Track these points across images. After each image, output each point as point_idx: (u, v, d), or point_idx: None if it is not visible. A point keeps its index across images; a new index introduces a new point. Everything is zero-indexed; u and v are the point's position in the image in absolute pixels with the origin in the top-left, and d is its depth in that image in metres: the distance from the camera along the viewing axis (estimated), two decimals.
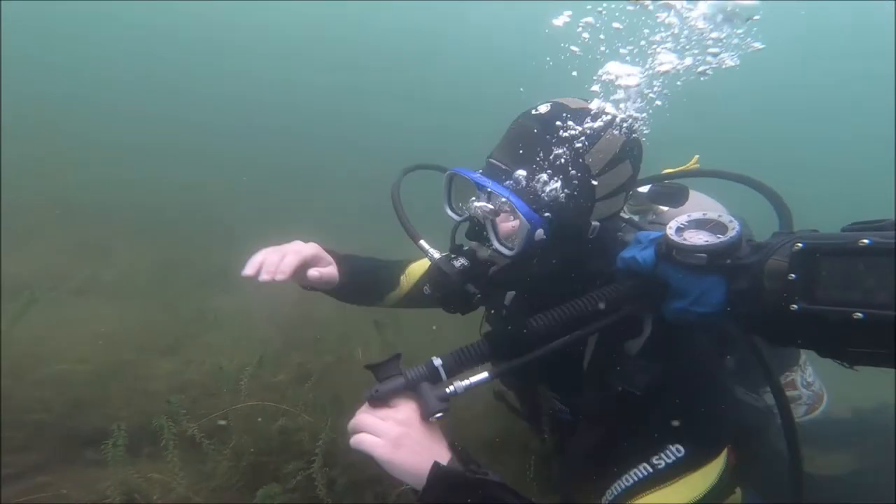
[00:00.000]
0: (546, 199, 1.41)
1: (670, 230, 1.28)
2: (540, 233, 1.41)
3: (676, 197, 1.71)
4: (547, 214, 1.41)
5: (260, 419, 2.16)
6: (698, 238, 1.25)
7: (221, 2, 21.44)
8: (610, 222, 1.53)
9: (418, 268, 2.17)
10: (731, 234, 1.22)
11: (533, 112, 1.49)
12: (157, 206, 5.49)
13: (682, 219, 1.30)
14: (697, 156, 2.03)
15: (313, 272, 1.71)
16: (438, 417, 1.26)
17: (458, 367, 1.33)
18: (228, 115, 10.05)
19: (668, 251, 1.27)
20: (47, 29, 16.93)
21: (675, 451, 1.34)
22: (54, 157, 6.84)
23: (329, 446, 1.85)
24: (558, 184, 1.42)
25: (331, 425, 1.94)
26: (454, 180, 1.62)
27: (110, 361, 2.55)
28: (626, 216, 1.71)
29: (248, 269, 1.57)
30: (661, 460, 1.34)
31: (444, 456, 1.23)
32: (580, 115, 1.47)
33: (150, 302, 3.53)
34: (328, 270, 1.79)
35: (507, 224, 1.50)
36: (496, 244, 1.47)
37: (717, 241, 1.21)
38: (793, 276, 1.07)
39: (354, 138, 9.84)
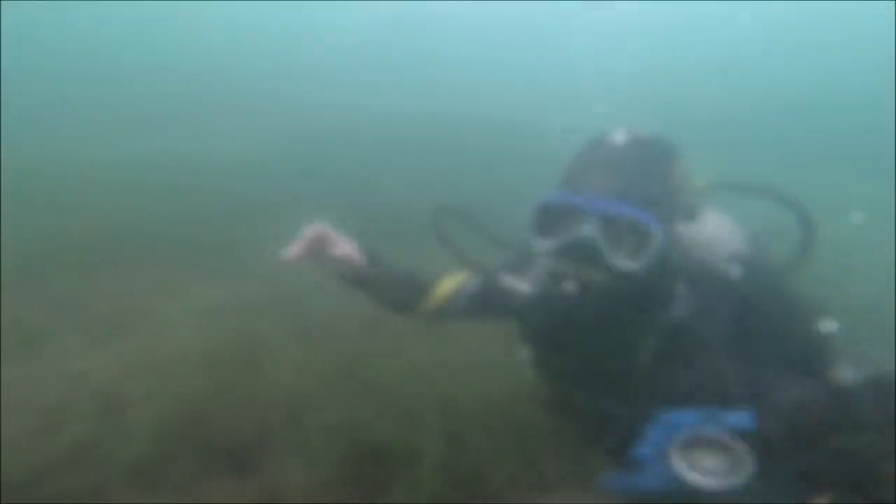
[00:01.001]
0: (657, 216, 1.63)
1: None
2: (665, 243, 1.61)
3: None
4: (665, 227, 1.62)
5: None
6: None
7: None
8: None
9: (446, 284, 2.36)
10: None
11: (617, 142, 1.71)
12: (209, 234, 5.85)
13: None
14: (704, 177, 2.24)
15: (335, 251, 2.04)
16: None
17: None
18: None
19: None
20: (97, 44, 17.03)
21: None
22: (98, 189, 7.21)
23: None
24: (662, 204, 1.66)
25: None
26: (547, 209, 1.69)
27: (213, 379, 2.94)
28: None
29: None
30: None
31: None
32: (655, 142, 1.77)
33: (222, 326, 3.91)
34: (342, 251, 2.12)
35: (627, 240, 1.61)
36: (617, 261, 1.58)
37: None
38: None
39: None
